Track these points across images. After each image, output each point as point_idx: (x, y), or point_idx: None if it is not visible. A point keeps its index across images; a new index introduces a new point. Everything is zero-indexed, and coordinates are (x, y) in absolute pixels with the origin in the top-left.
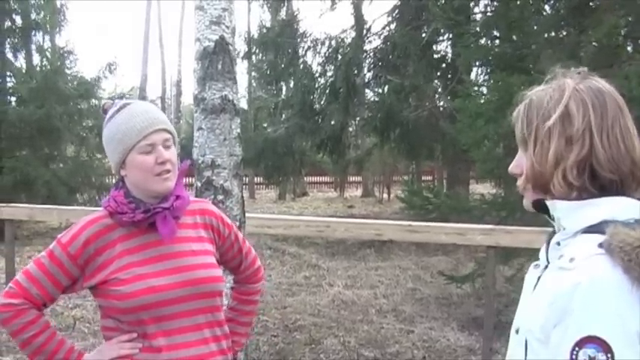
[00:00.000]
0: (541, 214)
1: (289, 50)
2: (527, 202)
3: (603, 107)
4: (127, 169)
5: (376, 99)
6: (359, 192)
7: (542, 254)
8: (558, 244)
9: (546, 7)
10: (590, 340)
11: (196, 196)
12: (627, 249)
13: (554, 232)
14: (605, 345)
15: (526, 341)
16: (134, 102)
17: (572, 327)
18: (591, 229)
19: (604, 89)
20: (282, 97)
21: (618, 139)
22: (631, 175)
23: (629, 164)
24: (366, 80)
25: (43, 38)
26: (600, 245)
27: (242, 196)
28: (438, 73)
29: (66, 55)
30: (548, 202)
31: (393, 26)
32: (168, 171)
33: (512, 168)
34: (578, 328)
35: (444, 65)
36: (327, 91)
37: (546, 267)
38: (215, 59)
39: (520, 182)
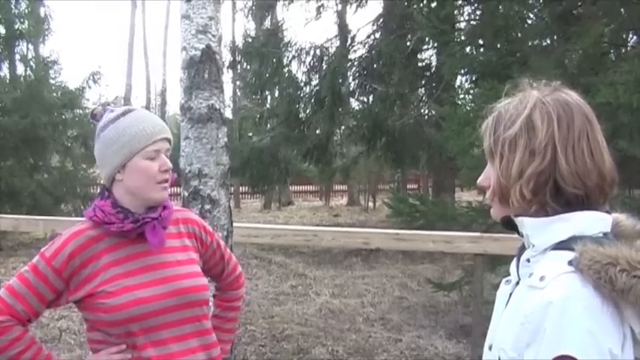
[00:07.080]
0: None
1: (274, 59)
2: (495, 214)
3: (570, 120)
4: (125, 174)
5: (362, 107)
6: (344, 201)
7: (512, 269)
8: (528, 260)
9: (531, 15)
10: (563, 359)
11: (183, 206)
12: (596, 267)
13: (524, 246)
14: None
15: (499, 359)
16: (138, 108)
17: (545, 347)
18: (560, 246)
19: (572, 102)
20: (268, 106)
21: (585, 153)
22: (598, 189)
23: (596, 178)
24: (352, 89)
25: (27, 48)
26: (570, 263)
27: (229, 206)
28: (423, 81)
29: (50, 64)
30: (517, 220)
31: (377, 35)
32: (167, 180)
33: (481, 181)
34: (551, 347)
35: (428, 73)
36: (313, 100)
37: (517, 283)
38: (202, 68)
39: (488, 195)
